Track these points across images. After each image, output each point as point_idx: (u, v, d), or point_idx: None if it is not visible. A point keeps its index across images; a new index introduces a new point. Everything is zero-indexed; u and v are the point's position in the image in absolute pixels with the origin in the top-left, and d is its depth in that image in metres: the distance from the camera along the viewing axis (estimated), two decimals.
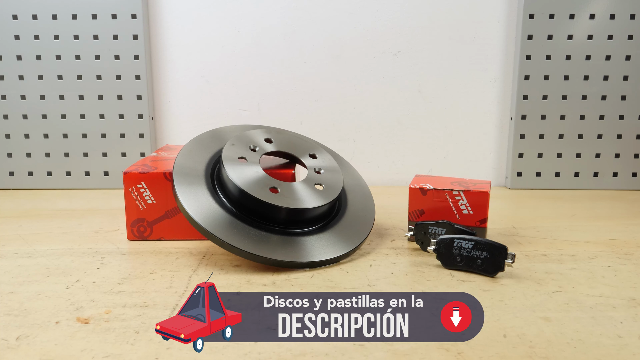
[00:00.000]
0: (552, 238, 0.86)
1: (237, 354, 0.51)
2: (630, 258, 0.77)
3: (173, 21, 1.17)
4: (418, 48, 1.18)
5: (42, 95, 1.15)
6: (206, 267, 0.73)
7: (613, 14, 1.12)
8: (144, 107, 1.16)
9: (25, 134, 1.16)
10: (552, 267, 0.73)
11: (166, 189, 0.81)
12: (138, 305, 0.61)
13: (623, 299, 0.63)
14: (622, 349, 0.52)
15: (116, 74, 1.14)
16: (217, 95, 1.20)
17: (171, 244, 0.82)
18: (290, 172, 0.82)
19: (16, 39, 1.12)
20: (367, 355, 0.51)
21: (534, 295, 0.64)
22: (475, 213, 0.80)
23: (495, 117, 1.22)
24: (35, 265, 0.73)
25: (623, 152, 1.18)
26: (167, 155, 0.92)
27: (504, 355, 0.51)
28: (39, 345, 0.53)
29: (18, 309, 0.60)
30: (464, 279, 0.69)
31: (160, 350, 0.52)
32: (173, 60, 1.19)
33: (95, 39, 1.13)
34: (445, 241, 0.71)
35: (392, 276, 0.70)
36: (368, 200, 0.87)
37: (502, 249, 0.68)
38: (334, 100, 1.20)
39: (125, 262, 0.75)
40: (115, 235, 0.86)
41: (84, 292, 0.65)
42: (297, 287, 0.66)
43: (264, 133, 0.85)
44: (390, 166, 1.23)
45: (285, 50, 1.18)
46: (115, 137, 1.17)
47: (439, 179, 0.86)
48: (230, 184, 0.74)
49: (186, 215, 0.72)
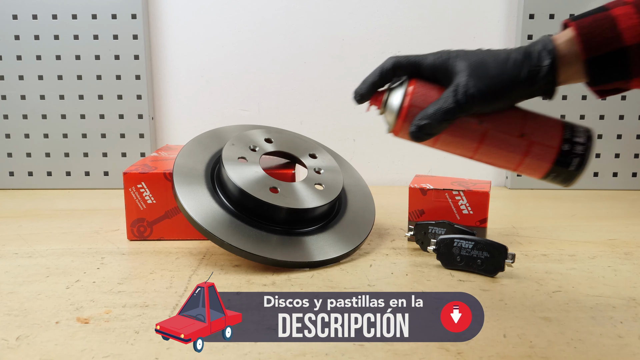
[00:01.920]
0: (552, 238, 0.86)
1: (237, 354, 0.51)
2: (630, 258, 0.77)
3: (173, 21, 1.17)
4: (418, 48, 1.18)
5: (42, 95, 1.15)
6: (206, 267, 0.73)
7: None
8: (144, 107, 1.16)
9: (25, 134, 1.16)
10: (552, 267, 0.73)
11: (166, 189, 0.81)
12: (138, 305, 0.61)
13: (623, 299, 0.63)
14: (622, 349, 0.52)
15: (116, 74, 1.14)
16: (217, 95, 1.20)
17: (171, 244, 0.82)
18: (290, 172, 0.82)
19: (16, 39, 1.12)
20: (367, 355, 0.51)
21: (534, 295, 0.64)
22: (475, 213, 0.80)
23: None
24: (35, 265, 0.73)
25: (623, 152, 1.18)
26: (167, 155, 0.92)
27: (504, 355, 0.51)
28: (39, 345, 0.53)
29: (18, 309, 0.60)
30: (464, 279, 0.69)
31: (160, 350, 0.52)
32: (173, 60, 1.19)
33: (95, 39, 1.13)
34: (445, 241, 0.71)
35: (392, 276, 0.70)
36: (368, 200, 0.87)
37: (502, 249, 0.68)
38: (334, 100, 1.20)
39: (125, 262, 0.75)
40: (115, 235, 0.86)
41: (84, 292, 0.65)
42: (297, 287, 0.66)
43: (264, 133, 0.85)
44: (390, 166, 1.23)
45: (285, 50, 1.18)
46: (115, 137, 1.17)
47: (439, 179, 0.86)
48: (230, 184, 0.74)
49: (186, 215, 0.72)
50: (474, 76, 0.56)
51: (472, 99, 0.56)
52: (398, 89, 0.60)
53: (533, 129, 0.58)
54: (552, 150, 0.58)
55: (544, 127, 0.58)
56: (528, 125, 0.58)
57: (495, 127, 0.58)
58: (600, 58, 0.54)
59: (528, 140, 0.58)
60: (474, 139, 0.59)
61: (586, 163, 0.58)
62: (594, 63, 0.55)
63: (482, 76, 0.56)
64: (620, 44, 0.53)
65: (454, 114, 0.56)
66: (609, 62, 0.54)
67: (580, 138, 0.58)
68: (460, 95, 0.56)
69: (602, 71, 0.55)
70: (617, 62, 0.54)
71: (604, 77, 0.55)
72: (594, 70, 0.55)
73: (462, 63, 0.57)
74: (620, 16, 0.53)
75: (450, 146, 0.61)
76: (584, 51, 0.54)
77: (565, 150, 0.57)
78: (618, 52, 0.54)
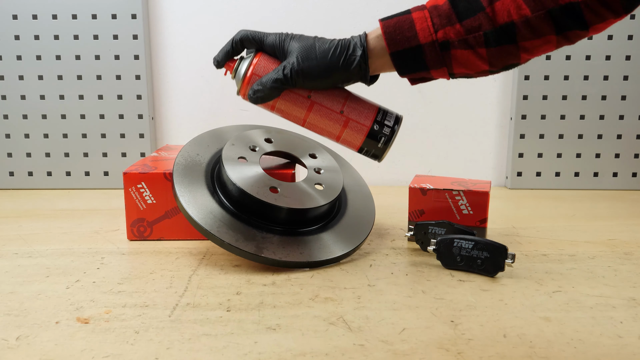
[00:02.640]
0: (552, 238, 0.86)
1: (237, 354, 0.51)
2: (630, 258, 0.77)
3: (173, 21, 1.17)
4: None
5: (42, 95, 1.15)
6: (206, 267, 0.73)
7: None
8: (144, 107, 1.16)
9: (25, 134, 1.16)
10: (552, 267, 0.73)
11: (166, 189, 0.81)
12: (138, 305, 0.61)
13: (623, 299, 0.63)
14: (622, 349, 0.52)
15: (116, 74, 1.14)
16: (217, 95, 1.20)
17: (171, 244, 0.82)
18: (290, 172, 0.82)
19: (16, 39, 1.12)
20: (367, 355, 0.51)
21: (534, 295, 0.64)
22: (475, 213, 0.80)
23: (495, 117, 1.22)
24: (35, 265, 0.73)
25: (623, 152, 1.18)
26: (167, 155, 0.92)
27: (504, 355, 0.51)
28: (39, 345, 0.53)
29: (18, 309, 0.60)
30: (464, 279, 0.69)
31: (160, 350, 0.52)
32: (173, 60, 1.19)
33: (95, 39, 1.13)
34: (445, 241, 0.71)
35: (392, 276, 0.70)
36: (368, 201, 0.87)
37: (502, 249, 0.68)
38: None
39: (125, 262, 0.75)
40: (115, 235, 0.86)
41: (84, 292, 0.65)
42: (297, 287, 0.66)
43: (264, 133, 0.85)
44: (390, 166, 1.23)
45: None
46: (115, 137, 1.17)
47: (439, 179, 0.86)
48: (230, 183, 0.74)
49: (186, 215, 0.72)
50: (301, 57, 0.69)
51: (296, 75, 0.69)
52: (246, 59, 0.73)
53: (351, 108, 0.73)
54: (364, 127, 0.73)
55: (360, 109, 0.73)
56: (348, 105, 0.73)
57: (320, 102, 0.73)
58: (402, 53, 0.66)
59: (346, 117, 0.73)
60: (303, 108, 0.73)
61: (391, 141, 0.73)
62: (398, 56, 0.67)
63: (307, 58, 0.68)
64: (416, 42, 0.65)
65: (281, 85, 0.70)
66: (409, 56, 0.66)
67: (389, 121, 0.73)
68: (286, 71, 0.69)
69: (405, 63, 0.67)
70: (415, 57, 0.66)
71: (407, 68, 0.68)
72: (398, 62, 0.67)
73: (295, 45, 0.70)
74: (417, 19, 0.65)
75: (285, 113, 0.75)
76: (388, 46, 0.66)
77: (375, 129, 0.73)
78: (415, 48, 0.66)
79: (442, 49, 0.65)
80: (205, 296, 0.63)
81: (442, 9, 0.65)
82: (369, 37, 0.68)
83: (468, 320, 0.57)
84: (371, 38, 0.68)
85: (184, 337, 0.54)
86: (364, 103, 0.73)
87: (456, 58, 0.65)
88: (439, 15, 0.64)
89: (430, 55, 0.65)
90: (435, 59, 0.66)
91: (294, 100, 0.73)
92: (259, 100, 0.72)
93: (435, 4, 0.65)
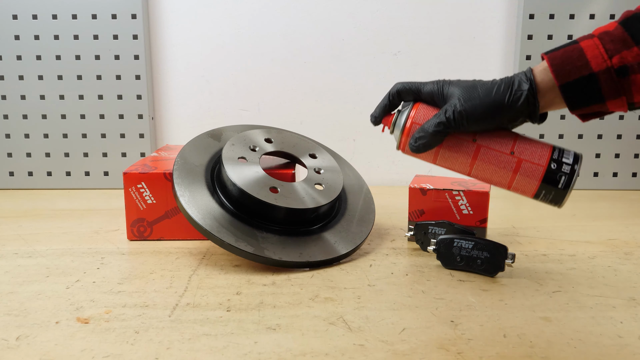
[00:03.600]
0: (552, 238, 0.86)
1: (237, 354, 0.51)
2: (630, 258, 0.77)
3: (173, 21, 1.17)
4: (418, 48, 1.18)
5: (42, 95, 1.15)
6: (206, 267, 0.73)
7: (613, 14, 1.12)
8: (144, 107, 1.16)
9: (25, 134, 1.16)
10: (552, 267, 0.73)
11: (166, 189, 0.81)
12: (138, 305, 0.61)
13: (623, 299, 0.63)
14: (622, 349, 0.52)
15: (116, 74, 1.14)
16: (217, 95, 1.20)
17: (171, 244, 0.82)
18: (290, 172, 0.82)
19: (16, 39, 1.12)
20: (367, 355, 0.51)
21: (534, 295, 0.64)
22: (475, 213, 0.80)
23: None
24: (35, 265, 0.73)
25: (623, 152, 1.18)
26: (167, 155, 0.92)
27: (504, 355, 0.51)
28: (39, 345, 0.53)
29: (18, 309, 0.60)
30: (464, 279, 0.69)
31: (160, 350, 0.52)
32: (173, 60, 1.19)
33: (95, 39, 1.13)
34: (445, 241, 0.71)
35: (392, 276, 0.70)
36: (368, 200, 0.87)
37: (502, 249, 0.68)
38: (334, 100, 1.20)
39: (125, 262, 0.75)
40: (115, 235, 0.86)
41: (84, 292, 0.65)
42: (297, 287, 0.66)
43: (264, 133, 0.85)
44: (390, 166, 1.23)
45: (285, 50, 1.18)
46: (115, 137, 1.17)
47: (439, 179, 0.86)
48: (230, 183, 0.74)
49: (186, 215, 0.72)
50: (464, 98, 0.63)
51: (459, 116, 0.63)
52: (404, 111, 0.68)
53: (523, 148, 0.65)
54: (540, 168, 0.64)
55: (533, 147, 0.65)
56: (519, 145, 0.65)
57: (487, 145, 0.65)
58: (573, 84, 0.60)
59: (518, 158, 0.64)
60: (468, 154, 0.66)
61: (572, 182, 0.63)
62: (569, 89, 0.60)
63: (470, 98, 0.63)
64: (588, 71, 0.59)
65: (444, 128, 0.64)
66: (581, 88, 0.60)
67: (567, 159, 0.64)
68: (449, 113, 0.64)
69: (576, 96, 0.61)
70: (589, 87, 0.60)
71: (578, 101, 0.61)
72: (569, 95, 0.61)
73: (455, 89, 0.65)
74: (587, 47, 0.60)
75: (448, 161, 0.68)
76: (557, 78, 0.60)
77: (552, 168, 0.64)
78: (588, 77, 0.59)
79: (619, 76, 0.58)
80: (205, 296, 0.63)
81: (614, 34, 0.59)
82: (535, 72, 0.62)
83: (468, 320, 0.57)
84: (537, 72, 0.62)
85: (184, 337, 0.54)
86: (535, 141, 0.66)
87: (637, 84, 0.58)
88: (611, 41, 0.59)
89: (605, 84, 0.59)
90: (611, 87, 0.59)
91: (458, 146, 0.66)
92: (421, 147, 0.66)
93: (605, 30, 0.60)
